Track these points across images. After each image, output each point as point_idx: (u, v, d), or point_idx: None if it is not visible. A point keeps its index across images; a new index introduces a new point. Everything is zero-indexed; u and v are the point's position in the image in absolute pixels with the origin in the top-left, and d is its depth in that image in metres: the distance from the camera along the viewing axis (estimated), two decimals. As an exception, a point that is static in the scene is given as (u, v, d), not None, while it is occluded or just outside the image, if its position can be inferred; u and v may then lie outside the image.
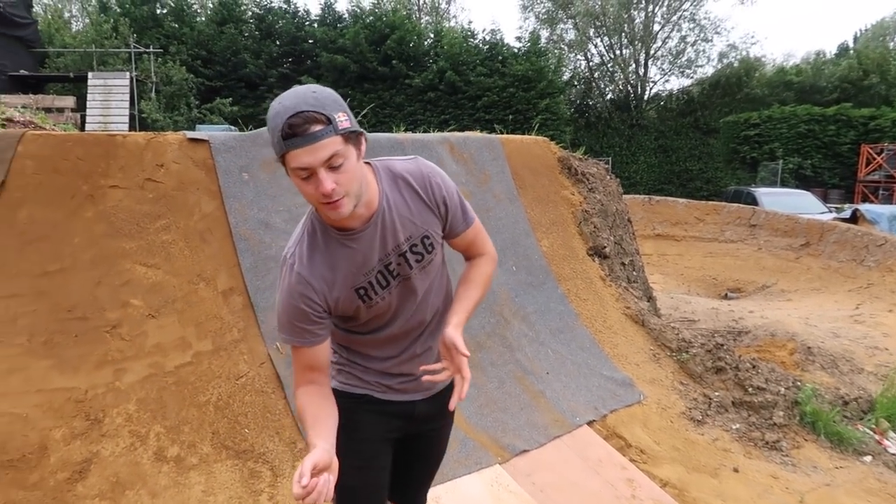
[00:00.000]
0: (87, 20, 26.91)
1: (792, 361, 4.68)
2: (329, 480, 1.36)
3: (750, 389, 4.00)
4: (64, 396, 2.80)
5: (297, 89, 1.42)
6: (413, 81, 23.49)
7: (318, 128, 1.36)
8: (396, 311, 1.71)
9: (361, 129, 1.46)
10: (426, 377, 1.60)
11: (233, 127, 15.25)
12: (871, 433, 4.06)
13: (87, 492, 2.56)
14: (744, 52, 29.89)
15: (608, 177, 5.77)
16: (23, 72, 16.94)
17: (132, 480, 2.63)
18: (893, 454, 3.90)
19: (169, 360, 3.00)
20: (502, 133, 5.34)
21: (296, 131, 1.35)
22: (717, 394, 4.10)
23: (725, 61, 29.82)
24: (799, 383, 4.15)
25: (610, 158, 24.57)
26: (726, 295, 8.04)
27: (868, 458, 3.83)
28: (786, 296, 7.33)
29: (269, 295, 3.33)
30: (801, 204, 13.34)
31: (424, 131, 4.76)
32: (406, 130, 4.60)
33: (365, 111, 6.13)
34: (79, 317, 3.00)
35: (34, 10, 21.46)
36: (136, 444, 2.74)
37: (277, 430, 2.97)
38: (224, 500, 2.66)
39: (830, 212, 13.73)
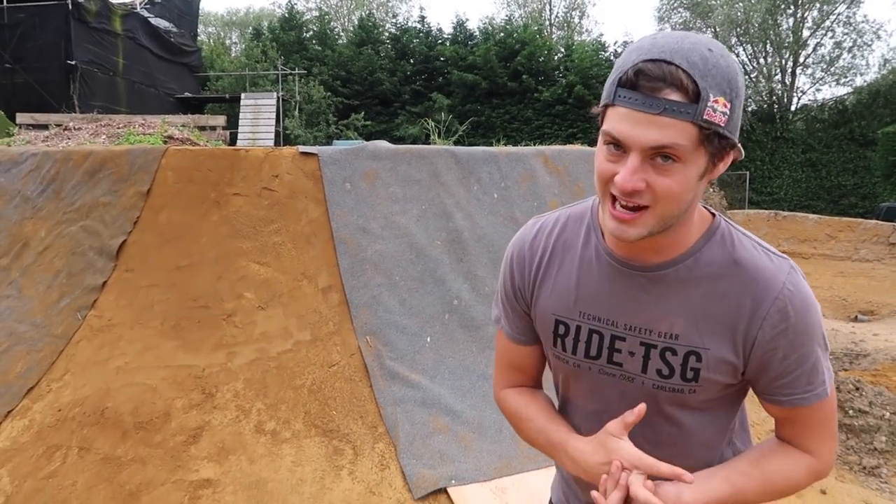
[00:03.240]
0: (243, 45, 29.61)
1: (909, 388, 4.36)
2: (640, 482, 1.03)
3: (850, 412, 3.81)
4: (185, 373, 3.28)
5: (688, 34, 0.92)
6: (542, 96, 23.67)
7: (673, 96, 0.88)
8: (592, 403, 1.19)
9: (735, 141, 0.94)
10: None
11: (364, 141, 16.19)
12: None
13: (199, 453, 3.00)
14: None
15: (710, 189, 5.67)
16: (187, 94, 19.00)
17: (235, 447, 3.04)
18: None
19: (273, 347, 3.41)
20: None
21: (638, 83, 0.90)
22: (815, 415, 3.92)
23: (890, 67, 27.24)
24: (909, 410, 3.88)
25: (748, 173, 23.26)
26: (856, 317, 7.46)
27: None
28: (925, 320, 6.73)
29: (363, 293, 3.67)
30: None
31: (551, 143, 4.97)
32: (535, 144, 4.82)
33: (462, 128, 6.36)
34: (202, 305, 3.49)
35: (199, 38, 23.98)
36: (241, 417, 3.15)
37: (361, 414, 3.28)
38: (310, 471, 3.00)
39: None
